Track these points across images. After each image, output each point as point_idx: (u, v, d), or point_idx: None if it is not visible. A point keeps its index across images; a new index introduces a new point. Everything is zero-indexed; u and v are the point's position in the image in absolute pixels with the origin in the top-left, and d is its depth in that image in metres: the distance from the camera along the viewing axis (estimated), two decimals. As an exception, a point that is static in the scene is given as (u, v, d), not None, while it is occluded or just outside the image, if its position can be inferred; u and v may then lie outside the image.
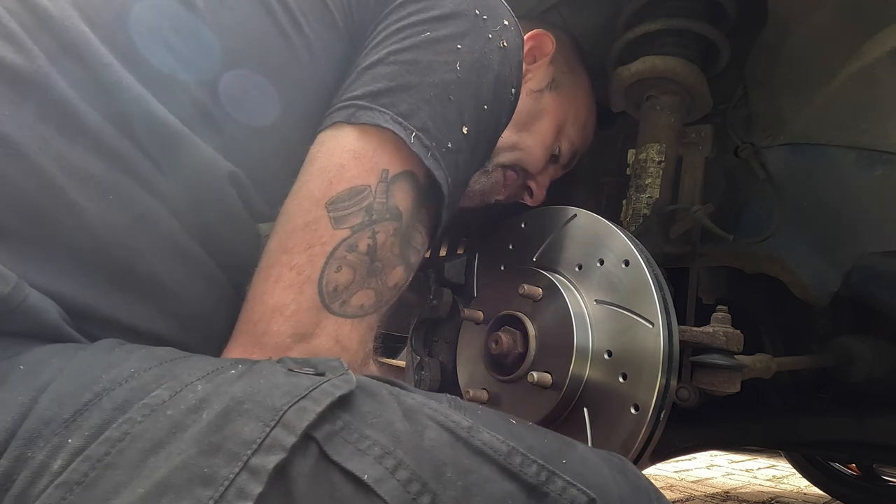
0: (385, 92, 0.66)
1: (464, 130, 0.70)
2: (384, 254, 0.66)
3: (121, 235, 0.57)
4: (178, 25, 0.62)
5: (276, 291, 0.62)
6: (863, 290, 1.04)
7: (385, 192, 0.65)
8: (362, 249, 0.64)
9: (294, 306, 0.62)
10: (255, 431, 0.44)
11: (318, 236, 0.63)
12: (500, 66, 0.73)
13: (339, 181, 0.64)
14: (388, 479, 0.45)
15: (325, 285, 0.63)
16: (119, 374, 0.48)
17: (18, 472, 0.44)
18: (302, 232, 0.63)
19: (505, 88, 0.75)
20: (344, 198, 0.63)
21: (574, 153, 1.13)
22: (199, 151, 0.61)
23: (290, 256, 0.63)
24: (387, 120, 0.64)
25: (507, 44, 0.74)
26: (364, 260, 0.65)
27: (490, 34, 0.72)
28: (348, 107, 0.66)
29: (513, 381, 0.89)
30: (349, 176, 0.64)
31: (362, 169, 0.64)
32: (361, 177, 0.64)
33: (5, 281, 0.49)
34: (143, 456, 0.43)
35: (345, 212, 0.63)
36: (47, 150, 0.54)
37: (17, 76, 0.55)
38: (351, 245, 0.64)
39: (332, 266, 0.63)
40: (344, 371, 0.52)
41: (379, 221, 0.65)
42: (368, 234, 0.64)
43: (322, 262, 0.63)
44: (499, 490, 0.48)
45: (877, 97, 0.92)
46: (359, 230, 0.64)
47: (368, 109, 0.65)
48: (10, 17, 0.57)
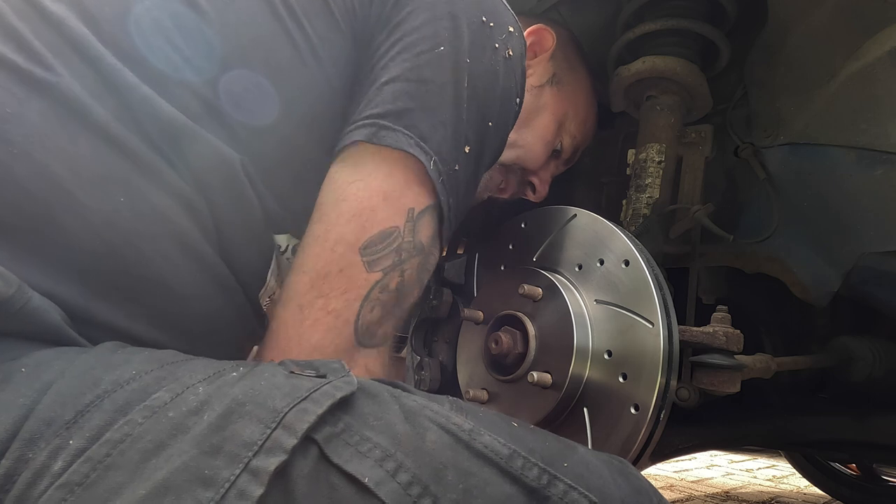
0: (406, 112, 0.67)
1: (466, 150, 0.71)
2: (409, 287, 0.70)
3: (130, 238, 0.57)
4: (181, 24, 0.62)
5: (314, 334, 0.65)
6: (863, 290, 1.04)
7: (412, 230, 0.68)
8: (392, 288, 0.68)
9: (332, 347, 0.65)
10: (256, 433, 0.45)
11: (354, 281, 0.65)
12: (506, 79, 0.74)
13: (372, 225, 0.66)
14: (389, 482, 0.45)
15: (359, 326, 0.66)
16: (120, 376, 0.49)
17: (19, 473, 0.44)
18: (337, 277, 0.65)
19: (510, 101, 0.76)
20: (376, 241, 0.66)
21: (576, 148, 1.13)
22: (209, 144, 0.61)
23: (327, 301, 0.65)
24: (410, 144, 0.66)
25: (511, 53, 0.74)
26: (393, 296, 0.68)
27: (497, 43, 0.73)
28: (371, 125, 0.66)
29: (513, 381, 0.89)
30: (380, 219, 0.66)
31: (391, 211, 0.66)
32: (391, 219, 0.67)
33: (8, 283, 0.49)
34: (144, 457, 0.43)
35: (377, 255, 0.66)
36: (54, 150, 0.54)
37: (22, 75, 0.55)
38: (384, 287, 0.67)
39: (367, 308, 0.66)
40: (345, 373, 0.52)
41: (407, 260, 0.68)
42: (398, 273, 0.68)
43: (358, 306, 0.66)
44: (500, 493, 0.48)
45: (877, 97, 0.92)
46: (390, 271, 0.67)
47: (392, 130, 0.66)
48: (15, 17, 0.57)
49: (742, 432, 1.36)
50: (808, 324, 1.33)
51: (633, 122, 1.17)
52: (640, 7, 1.09)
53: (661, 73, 1.06)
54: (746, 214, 1.14)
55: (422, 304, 1.07)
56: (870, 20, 0.90)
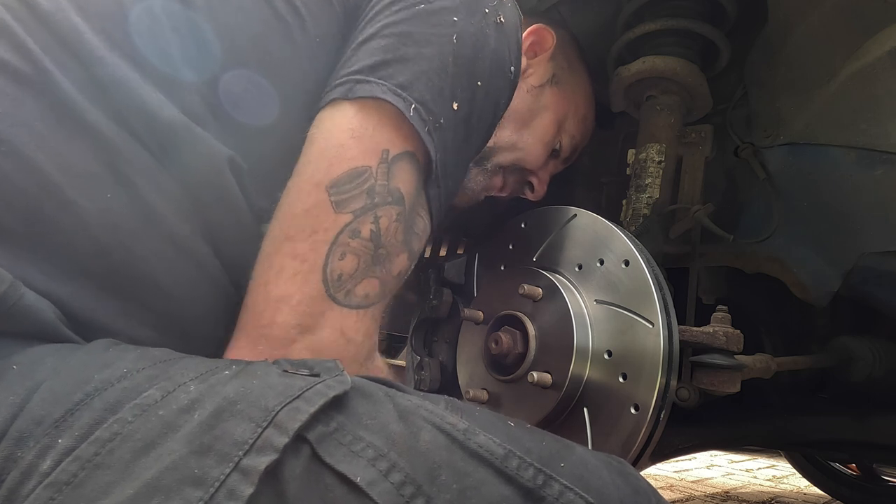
0: (382, 64, 0.64)
1: (454, 106, 0.68)
2: (388, 240, 0.65)
3: (120, 235, 0.57)
4: (176, 21, 0.62)
5: (280, 282, 0.61)
6: (863, 290, 1.04)
7: (386, 173, 0.64)
8: (365, 235, 0.63)
9: (299, 296, 0.61)
10: (247, 432, 0.44)
11: (321, 222, 0.62)
12: (497, 42, 0.71)
13: (339, 163, 0.62)
14: (382, 482, 0.45)
15: (329, 273, 0.62)
16: (112, 374, 0.48)
17: (7, 473, 0.43)
18: (304, 217, 0.62)
19: (503, 66, 0.73)
20: (344, 180, 0.62)
21: (574, 147, 1.13)
22: (198, 138, 0.60)
23: (293, 244, 0.61)
24: (385, 91, 0.63)
25: (503, 19, 0.72)
26: (368, 246, 0.63)
27: (486, 8, 0.71)
28: (345, 82, 0.65)
29: (513, 381, 0.89)
30: (349, 157, 0.62)
31: (362, 149, 0.63)
32: (361, 157, 0.63)
33: (0, 280, 0.49)
34: (134, 456, 0.43)
35: (346, 195, 0.62)
36: (45, 147, 0.54)
37: (14, 73, 0.55)
38: (354, 230, 0.62)
39: (336, 253, 0.62)
40: (339, 372, 0.52)
41: (381, 205, 0.64)
42: (371, 218, 0.63)
43: (326, 250, 0.62)
44: (494, 494, 0.48)
45: (877, 97, 0.92)
46: (361, 214, 0.63)
47: (366, 83, 0.63)
48: (7, 14, 0.56)
49: (742, 432, 1.36)
50: (808, 324, 1.33)
51: (633, 122, 1.17)
52: (640, 7, 1.09)
53: (661, 73, 1.06)
54: (746, 214, 1.14)
55: (422, 304, 1.07)
56: (870, 20, 0.90)
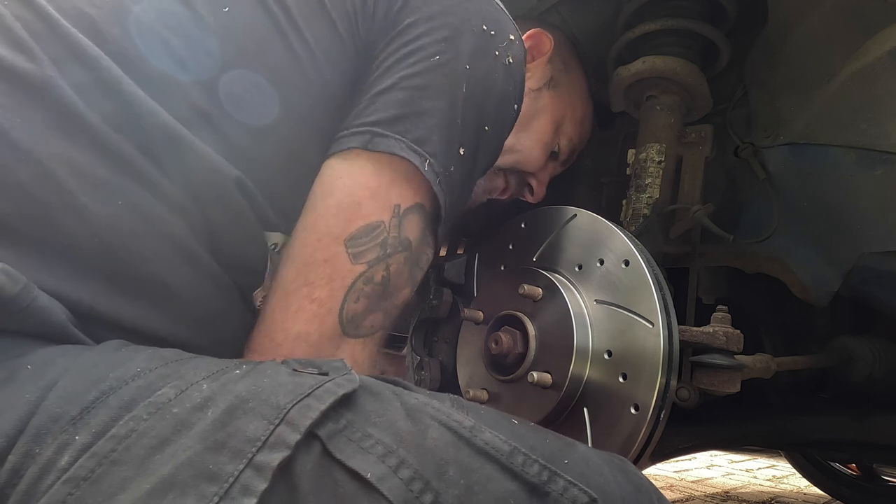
0: (400, 119, 0.68)
1: (460, 152, 0.72)
2: (395, 281, 0.71)
3: (128, 239, 0.57)
4: (178, 28, 0.63)
5: (298, 321, 0.66)
6: (863, 290, 1.04)
7: (398, 226, 0.69)
8: (377, 281, 0.69)
9: (317, 335, 0.66)
10: (260, 429, 0.45)
11: (338, 271, 0.66)
12: (504, 84, 0.75)
13: (356, 219, 0.67)
14: (391, 478, 0.46)
15: (344, 315, 0.67)
16: (125, 372, 0.49)
17: (26, 468, 0.44)
18: (322, 266, 0.66)
19: (508, 106, 0.77)
20: (361, 234, 0.67)
21: (573, 149, 1.14)
22: (206, 156, 0.61)
23: (311, 289, 0.66)
24: (403, 148, 0.67)
25: (512, 60, 0.75)
26: (378, 290, 0.69)
27: (497, 51, 0.74)
28: (364, 133, 0.68)
29: (513, 381, 0.89)
30: (365, 213, 0.67)
31: (377, 206, 0.68)
32: (376, 214, 0.68)
33: (14, 281, 0.49)
34: (149, 453, 0.44)
35: (362, 248, 0.67)
36: (58, 155, 0.55)
37: (27, 83, 0.55)
38: (368, 278, 0.68)
39: (352, 298, 0.67)
40: (347, 371, 0.53)
41: (392, 255, 0.69)
42: (383, 266, 0.69)
43: (342, 295, 0.67)
44: (501, 489, 0.48)
45: (877, 97, 0.92)
46: (375, 264, 0.68)
47: (385, 137, 0.67)
48: (18, 25, 0.57)
49: (742, 432, 1.36)
50: (808, 324, 1.33)
51: (633, 122, 1.17)
52: (640, 7, 1.09)
53: (661, 73, 1.07)
54: (746, 214, 1.14)
55: (422, 304, 1.07)
56: (870, 20, 0.90)
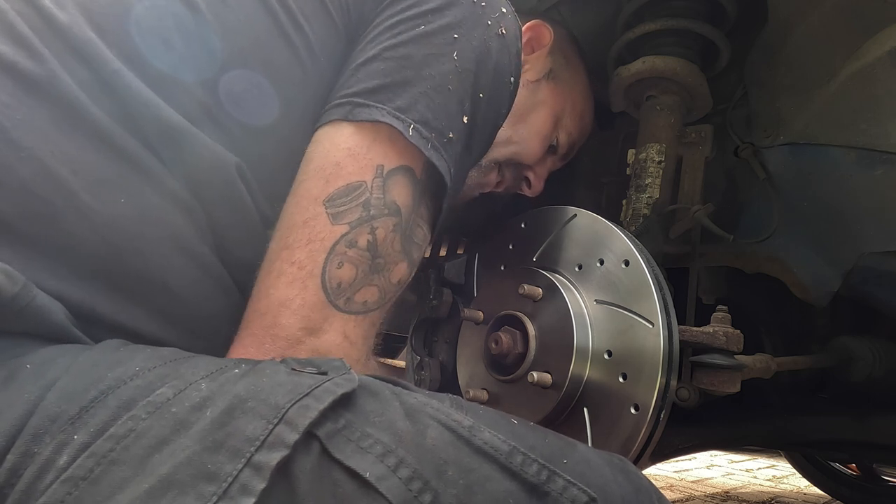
0: (381, 88, 0.66)
1: (464, 120, 0.70)
2: (385, 249, 0.67)
3: (130, 238, 0.57)
4: (180, 26, 0.63)
5: (279, 286, 0.63)
6: (863, 290, 1.04)
7: (381, 187, 0.66)
8: (362, 245, 0.65)
9: (299, 301, 0.63)
10: (259, 429, 0.45)
11: (317, 232, 0.64)
12: (499, 53, 0.73)
13: (336, 179, 0.65)
14: (390, 477, 0.46)
15: (328, 281, 0.64)
16: (124, 372, 0.49)
17: (25, 468, 0.44)
18: (301, 228, 0.64)
19: (503, 77, 0.75)
20: (340, 195, 0.64)
21: (572, 144, 1.13)
22: (206, 146, 0.61)
23: (291, 252, 0.64)
24: (384, 114, 0.65)
25: (505, 31, 0.74)
26: (365, 256, 0.66)
27: (489, 21, 0.72)
28: (345, 104, 0.67)
29: (513, 381, 0.89)
30: (345, 173, 0.65)
31: (357, 166, 0.65)
32: (357, 173, 0.65)
33: (14, 281, 0.49)
34: (148, 452, 0.44)
35: (342, 208, 0.64)
36: (60, 153, 0.55)
37: (30, 80, 0.55)
38: (350, 241, 0.64)
39: (334, 262, 0.64)
40: (346, 370, 0.53)
41: (377, 217, 0.66)
42: (367, 229, 0.65)
43: (322, 258, 0.64)
44: (500, 489, 0.48)
45: (877, 97, 0.92)
46: (357, 226, 0.65)
47: (366, 106, 0.66)
48: (22, 23, 0.57)
49: (742, 432, 1.36)
50: (808, 324, 1.33)
51: (633, 122, 1.17)
52: (640, 7, 1.09)
53: (661, 73, 1.06)
54: (746, 214, 1.14)
55: (422, 304, 1.07)
56: (870, 20, 0.90)
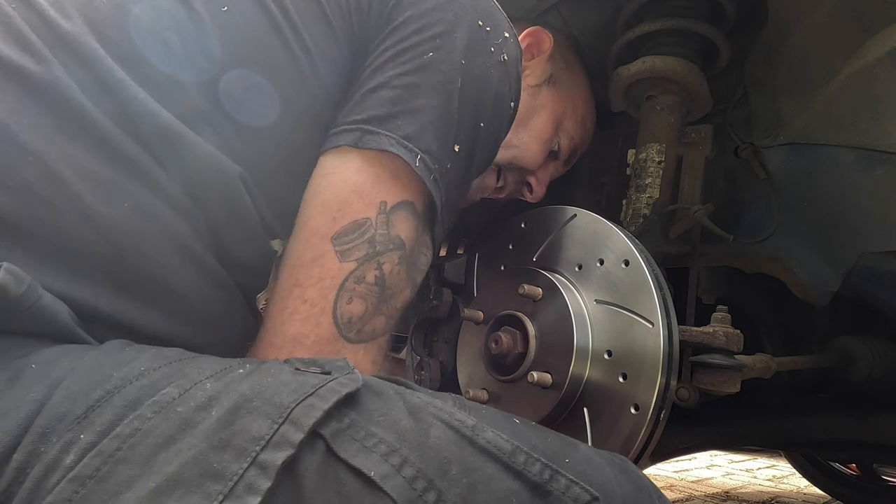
0: (390, 116, 0.67)
1: (455, 149, 0.71)
2: (392, 281, 0.70)
3: (134, 240, 0.58)
4: (177, 27, 0.63)
5: (293, 322, 0.65)
6: (863, 290, 1.04)
7: (385, 223, 0.68)
8: (370, 280, 0.67)
9: (313, 337, 0.65)
10: (264, 428, 0.45)
11: (327, 270, 0.66)
12: (500, 83, 0.75)
13: (342, 216, 0.67)
14: (395, 476, 0.46)
15: (339, 317, 0.66)
16: (129, 372, 0.49)
17: (32, 467, 0.44)
18: (311, 266, 0.66)
19: (503, 104, 0.76)
20: (347, 232, 0.66)
21: (574, 149, 1.13)
22: (208, 155, 0.62)
23: (303, 290, 0.66)
24: (392, 144, 0.67)
25: (507, 57, 0.75)
26: (374, 290, 0.68)
27: (492, 48, 0.73)
28: (354, 130, 0.68)
29: (513, 381, 0.89)
30: (351, 211, 0.67)
31: (362, 203, 0.67)
32: (362, 210, 0.67)
33: (20, 281, 0.50)
34: (154, 451, 0.44)
35: (349, 245, 0.66)
36: (66, 157, 0.55)
37: (36, 85, 0.56)
38: (358, 277, 0.67)
39: (344, 298, 0.66)
40: (350, 370, 0.53)
41: (383, 252, 0.68)
42: (374, 265, 0.68)
43: (333, 295, 0.66)
44: (503, 488, 0.49)
45: (877, 97, 0.92)
46: (364, 262, 0.67)
47: (375, 134, 0.67)
48: (28, 29, 0.57)
49: (742, 432, 1.36)
50: (808, 324, 1.33)
51: (633, 122, 1.17)
52: (640, 7, 1.09)
53: (661, 73, 1.07)
54: (746, 214, 1.14)
55: (422, 304, 1.07)
56: (870, 20, 0.90)
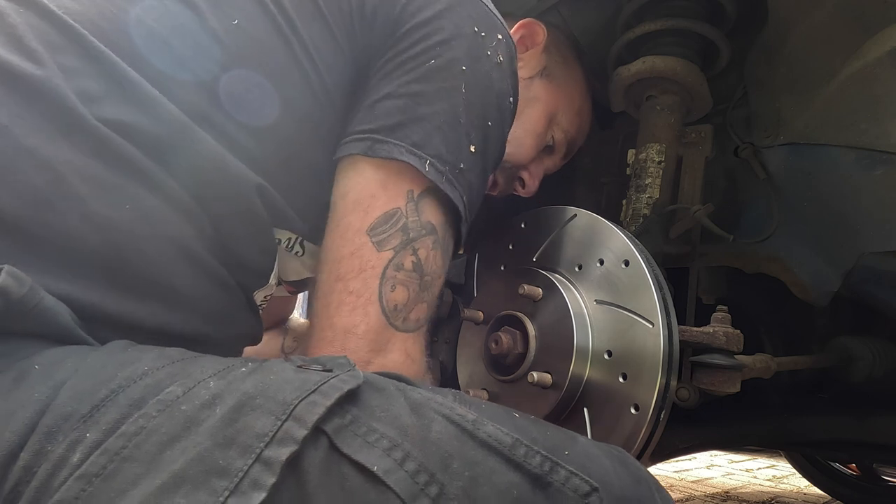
0: (398, 126, 0.70)
1: (471, 149, 0.74)
2: (430, 267, 0.73)
3: (136, 242, 0.58)
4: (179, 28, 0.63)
5: (342, 314, 0.68)
6: (863, 290, 1.04)
7: (415, 210, 0.72)
8: (408, 266, 0.71)
9: (364, 326, 0.68)
10: (268, 425, 0.46)
11: (366, 261, 0.69)
12: (500, 82, 0.77)
13: (373, 209, 0.70)
14: (397, 471, 0.47)
15: (385, 304, 0.69)
16: (133, 371, 0.50)
17: (38, 466, 0.45)
18: (350, 259, 0.69)
19: (505, 101, 0.79)
20: (381, 223, 0.70)
21: (571, 142, 1.11)
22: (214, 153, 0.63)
23: (346, 283, 0.69)
24: (402, 152, 0.69)
25: (502, 58, 0.78)
26: (413, 276, 0.71)
27: (489, 51, 0.76)
28: (364, 139, 0.70)
29: (513, 382, 0.89)
30: (381, 203, 0.70)
31: (390, 194, 0.71)
32: (392, 201, 0.71)
33: (21, 283, 0.50)
34: (160, 449, 0.45)
35: (384, 235, 0.70)
36: (68, 161, 0.56)
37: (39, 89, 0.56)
38: (397, 264, 0.70)
39: (387, 286, 0.70)
40: (351, 367, 0.54)
41: (416, 238, 0.71)
42: (410, 251, 0.71)
43: (376, 284, 0.69)
44: (504, 480, 0.49)
45: (877, 97, 0.92)
46: (400, 249, 0.70)
47: (384, 143, 0.70)
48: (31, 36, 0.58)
49: (742, 432, 1.36)
50: (808, 324, 1.33)
51: (633, 122, 1.17)
52: (640, 7, 1.09)
53: (661, 73, 1.07)
54: (746, 214, 1.14)
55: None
56: (870, 20, 0.90)
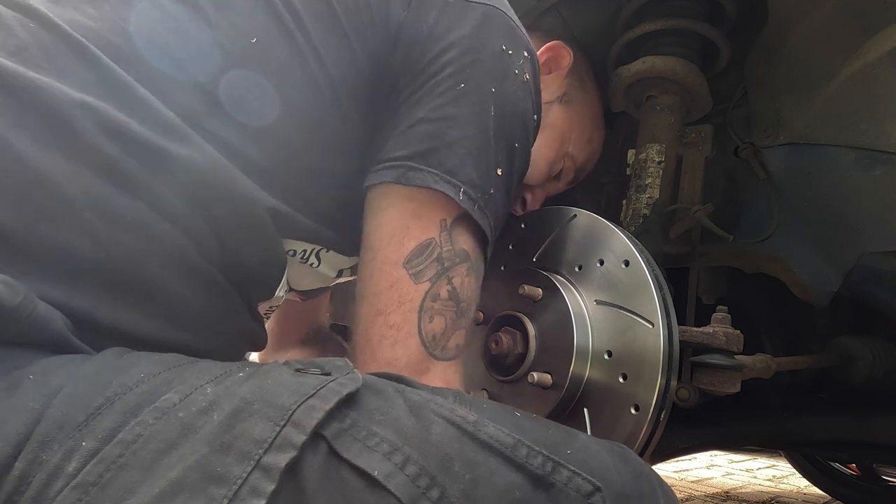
0: (431, 152, 0.70)
1: (498, 172, 0.75)
2: (465, 294, 0.74)
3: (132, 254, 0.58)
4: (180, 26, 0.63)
5: (384, 349, 0.70)
6: (863, 290, 1.04)
7: (449, 239, 0.73)
8: (444, 296, 0.72)
9: (405, 360, 0.70)
10: (266, 430, 0.45)
11: (405, 294, 0.70)
12: (525, 101, 0.78)
13: (408, 241, 0.71)
14: (398, 474, 0.46)
15: (424, 336, 0.71)
16: (129, 378, 0.49)
17: (34, 475, 0.44)
18: (389, 293, 0.70)
19: (529, 120, 0.80)
20: (416, 254, 0.71)
21: (578, 170, 1.10)
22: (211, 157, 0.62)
23: (386, 317, 0.70)
24: (436, 180, 0.70)
25: (528, 76, 0.78)
26: (449, 305, 0.72)
27: (515, 70, 0.76)
28: (398, 167, 0.71)
29: (513, 382, 0.89)
30: (415, 234, 0.71)
31: (424, 225, 0.72)
32: (425, 232, 0.72)
33: (15, 292, 0.49)
34: (157, 457, 0.44)
35: (420, 267, 0.71)
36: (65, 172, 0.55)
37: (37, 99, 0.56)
38: (434, 295, 0.71)
39: (425, 318, 0.71)
40: (350, 370, 0.53)
41: (451, 267, 0.73)
42: (445, 280, 0.72)
43: (415, 317, 0.70)
44: (505, 481, 0.49)
45: (877, 97, 0.92)
46: (436, 279, 0.72)
47: (418, 170, 0.70)
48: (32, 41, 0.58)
49: (742, 432, 1.36)
50: (808, 324, 1.33)
51: (633, 122, 1.17)
52: (640, 7, 1.09)
53: (661, 73, 1.06)
54: (746, 214, 1.14)
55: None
56: (870, 20, 0.90)
